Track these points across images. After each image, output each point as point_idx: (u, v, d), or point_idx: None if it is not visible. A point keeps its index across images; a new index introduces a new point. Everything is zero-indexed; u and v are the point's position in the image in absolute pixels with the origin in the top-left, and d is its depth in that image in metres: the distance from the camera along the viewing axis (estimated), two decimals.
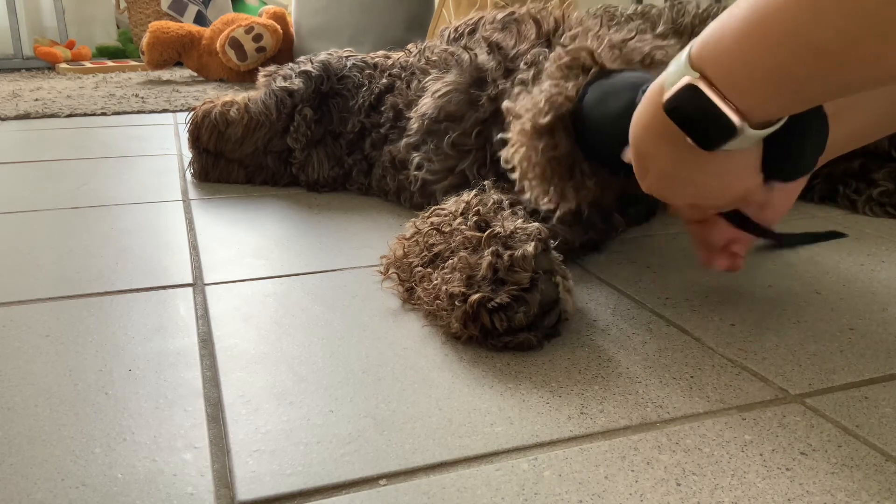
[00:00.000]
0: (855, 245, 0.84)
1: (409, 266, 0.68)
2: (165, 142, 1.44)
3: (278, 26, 2.40)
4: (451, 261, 0.63)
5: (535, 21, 0.83)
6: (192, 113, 1.10)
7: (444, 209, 0.71)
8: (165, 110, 1.84)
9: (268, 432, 0.48)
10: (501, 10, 0.91)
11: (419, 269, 0.67)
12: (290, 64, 1.11)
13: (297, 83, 1.06)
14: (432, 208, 0.73)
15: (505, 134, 0.67)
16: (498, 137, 0.73)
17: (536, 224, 0.63)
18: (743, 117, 0.46)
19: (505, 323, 0.57)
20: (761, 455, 0.46)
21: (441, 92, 0.86)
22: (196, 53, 2.47)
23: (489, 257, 0.59)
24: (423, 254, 0.67)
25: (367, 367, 0.56)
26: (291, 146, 1.06)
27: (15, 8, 2.88)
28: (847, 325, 0.64)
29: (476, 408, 0.51)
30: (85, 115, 1.77)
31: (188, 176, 1.15)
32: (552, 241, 0.62)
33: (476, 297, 0.57)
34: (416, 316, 0.65)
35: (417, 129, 0.90)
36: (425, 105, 0.89)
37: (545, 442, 0.47)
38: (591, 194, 0.63)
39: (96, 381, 0.54)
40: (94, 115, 1.78)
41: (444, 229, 0.67)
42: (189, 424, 0.49)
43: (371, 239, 0.86)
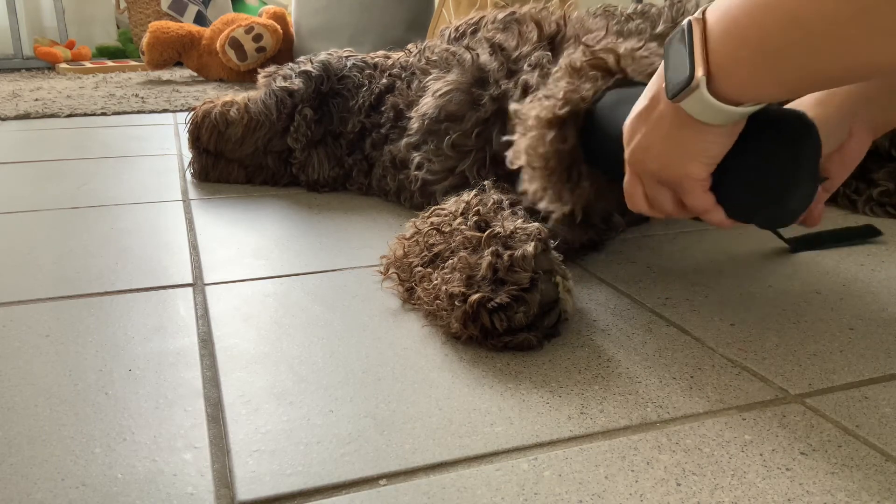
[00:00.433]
0: (855, 245, 0.84)
1: (409, 266, 0.69)
2: (165, 142, 1.44)
3: (278, 26, 2.39)
4: (451, 261, 0.63)
5: (537, 23, 0.83)
6: (192, 113, 1.10)
7: (444, 209, 0.71)
8: (165, 110, 1.84)
9: (268, 432, 0.48)
10: (502, 11, 0.91)
11: (419, 269, 0.67)
12: (290, 64, 1.11)
13: (297, 83, 1.06)
14: (432, 208, 0.73)
15: (510, 136, 0.67)
16: (503, 139, 0.73)
17: (536, 224, 0.63)
18: (710, 78, 0.47)
19: (505, 323, 0.57)
20: (761, 455, 0.46)
21: (442, 91, 0.86)
22: (196, 53, 2.47)
23: (489, 257, 0.59)
24: (423, 254, 0.67)
25: (367, 367, 0.56)
26: (291, 146, 1.06)
27: (15, 8, 2.88)
28: (847, 325, 0.64)
29: (476, 408, 0.51)
30: (85, 115, 1.77)
31: (188, 176, 1.15)
32: (552, 241, 0.62)
33: (476, 297, 0.57)
34: (416, 316, 0.65)
35: (418, 128, 0.90)
36: (426, 104, 0.89)
37: (545, 442, 0.47)
38: (585, 197, 0.64)
39: (96, 381, 0.54)
40: (94, 115, 1.78)
41: (444, 229, 0.67)
42: (189, 424, 0.49)
43: (371, 239, 0.86)
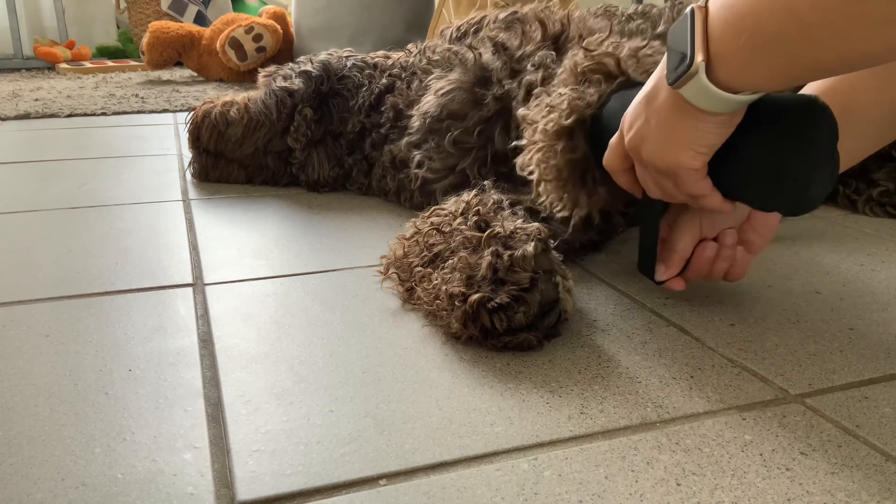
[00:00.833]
0: (855, 245, 0.84)
1: (409, 266, 0.68)
2: (165, 142, 1.44)
3: (278, 26, 2.39)
4: (451, 261, 0.63)
5: (541, 22, 0.83)
6: (192, 113, 1.10)
7: (444, 209, 0.71)
8: (165, 110, 1.84)
9: (268, 432, 0.48)
10: (503, 10, 0.91)
11: (419, 269, 0.67)
12: (290, 64, 1.11)
13: (297, 83, 1.06)
14: (432, 208, 0.73)
15: (520, 141, 0.67)
16: (512, 145, 0.73)
17: (536, 224, 0.63)
18: (709, 64, 0.47)
19: (505, 323, 0.57)
20: (761, 455, 0.46)
21: (444, 90, 0.86)
22: (196, 53, 2.47)
23: (489, 257, 0.59)
24: (423, 254, 0.67)
25: (367, 367, 0.56)
26: (291, 146, 1.06)
27: (15, 8, 2.88)
28: (847, 325, 0.64)
29: (476, 408, 0.51)
30: (85, 115, 1.77)
31: (188, 176, 1.15)
32: (552, 241, 0.62)
33: (476, 297, 0.57)
34: (416, 316, 0.65)
35: (419, 127, 0.90)
36: (428, 103, 0.89)
37: (545, 442, 0.47)
38: (602, 201, 0.64)
39: (96, 381, 0.54)
40: (94, 115, 1.78)
41: (444, 229, 0.67)
42: (189, 424, 0.49)
43: (371, 239, 0.86)
